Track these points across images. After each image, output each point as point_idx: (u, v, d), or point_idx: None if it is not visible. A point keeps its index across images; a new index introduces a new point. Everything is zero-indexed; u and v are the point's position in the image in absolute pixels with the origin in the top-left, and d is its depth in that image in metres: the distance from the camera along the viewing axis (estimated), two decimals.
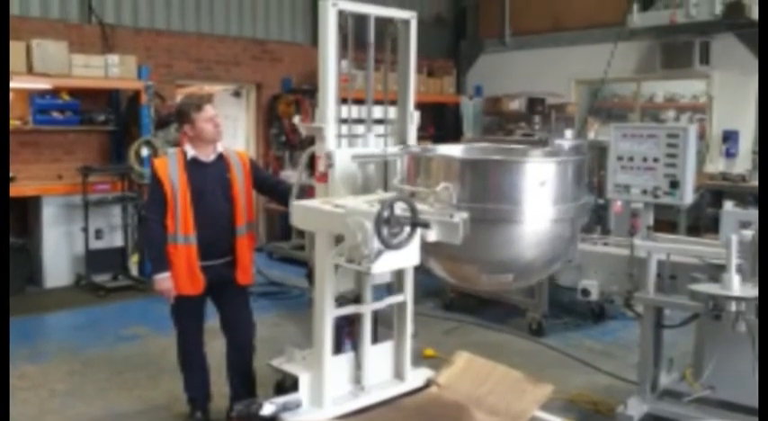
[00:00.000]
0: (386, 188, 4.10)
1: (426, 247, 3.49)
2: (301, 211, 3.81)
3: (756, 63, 8.13)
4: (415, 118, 4.43)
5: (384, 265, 3.34)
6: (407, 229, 3.31)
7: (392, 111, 4.39)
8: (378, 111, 4.31)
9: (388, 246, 3.23)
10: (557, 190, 3.55)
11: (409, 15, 4.25)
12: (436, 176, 3.59)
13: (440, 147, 4.50)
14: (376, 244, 3.22)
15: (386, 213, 3.21)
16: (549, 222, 3.57)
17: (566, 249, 3.79)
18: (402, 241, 3.29)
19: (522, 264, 3.67)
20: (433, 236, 3.39)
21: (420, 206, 3.40)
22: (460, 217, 3.31)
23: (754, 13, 7.63)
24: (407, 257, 3.44)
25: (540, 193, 3.50)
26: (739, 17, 7.73)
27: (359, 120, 4.28)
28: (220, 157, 4.11)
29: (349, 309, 4.00)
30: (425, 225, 3.32)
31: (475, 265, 3.68)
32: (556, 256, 3.75)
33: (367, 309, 4.02)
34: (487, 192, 3.51)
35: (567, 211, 3.61)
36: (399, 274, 4.21)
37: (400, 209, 3.32)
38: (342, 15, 3.98)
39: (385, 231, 3.21)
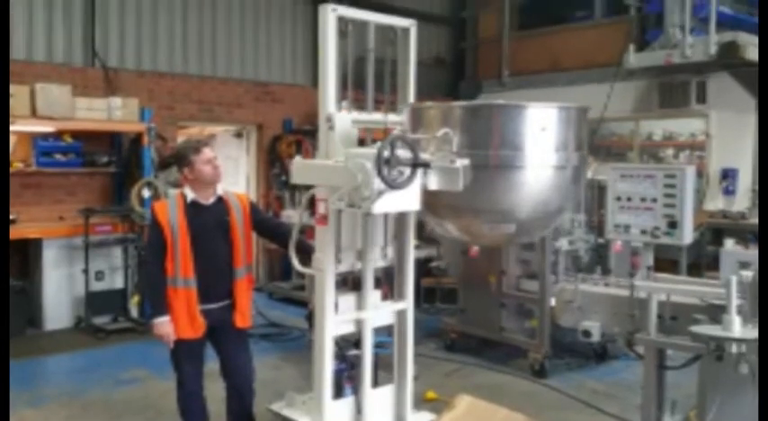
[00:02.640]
0: None
1: (427, 202, 3.44)
2: (302, 167, 3.79)
3: (753, 102, 8.24)
4: None
5: (385, 206, 3.30)
6: (408, 171, 3.29)
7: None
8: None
9: (388, 184, 3.20)
10: (558, 137, 3.53)
11: (409, 23, 4.20)
12: (436, 126, 3.56)
13: None
14: (377, 184, 3.20)
15: (386, 153, 3.19)
16: (550, 169, 3.54)
17: (567, 201, 3.74)
18: (403, 181, 3.27)
19: (524, 212, 3.62)
20: (434, 183, 3.38)
21: (421, 155, 3.38)
22: (461, 162, 3.28)
23: (749, 53, 7.73)
24: (408, 201, 3.40)
25: (541, 139, 3.48)
26: (734, 57, 7.82)
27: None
28: (220, 200, 4.14)
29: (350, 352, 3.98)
30: (426, 165, 3.31)
31: (477, 215, 3.63)
32: (557, 207, 3.69)
33: (367, 353, 4.00)
34: (488, 138, 3.50)
35: (569, 159, 3.58)
36: (400, 318, 4.20)
37: (400, 150, 3.29)
38: (342, 21, 3.93)
39: (386, 170, 3.18)
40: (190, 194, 4.06)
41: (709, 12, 7.89)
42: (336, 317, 3.93)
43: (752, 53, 7.68)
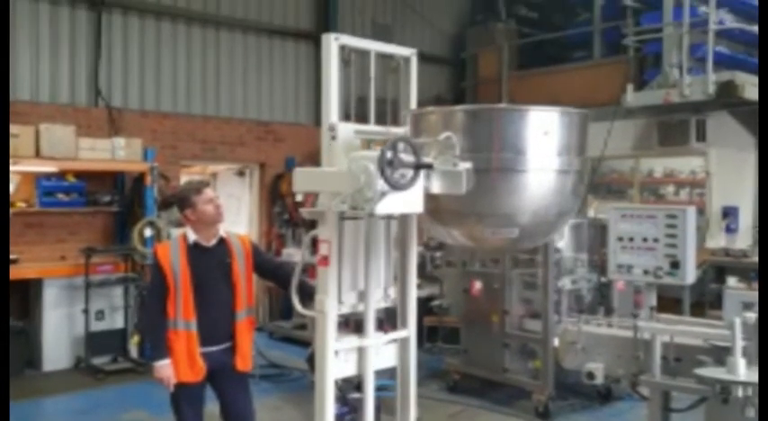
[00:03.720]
0: None
1: (430, 208, 3.43)
2: (304, 175, 3.79)
3: (752, 140, 8.29)
4: None
5: (388, 207, 3.29)
6: (411, 172, 3.29)
7: None
8: None
9: (391, 185, 3.19)
10: (560, 141, 3.53)
11: (410, 52, 4.18)
12: (438, 131, 3.56)
13: None
14: (380, 186, 3.19)
15: (389, 154, 3.20)
16: (553, 172, 3.53)
17: (569, 206, 3.72)
18: (406, 182, 3.27)
19: (527, 216, 3.61)
20: (437, 187, 3.37)
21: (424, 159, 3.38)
22: (464, 166, 3.29)
23: (747, 93, 7.79)
24: (411, 202, 3.39)
25: (543, 143, 3.47)
26: (732, 96, 7.89)
27: None
28: (222, 242, 4.14)
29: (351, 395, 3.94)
30: (428, 166, 3.31)
31: (479, 219, 3.62)
32: (560, 211, 3.68)
33: (369, 396, 3.95)
34: (490, 142, 3.50)
35: (571, 163, 3.57)
36: (403, 357, 4.16)
37: (403, 152, 3.30)
38: (344, 50, 3.92)
39: (389, 171, 3.18)
40: (192, 236, 4.07)
41: (706, 52, 7.98)
42: (337, 359, 3.89)
43: (750, 92, 7.74)
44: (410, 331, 4.18)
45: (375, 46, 4.08)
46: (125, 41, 8.81)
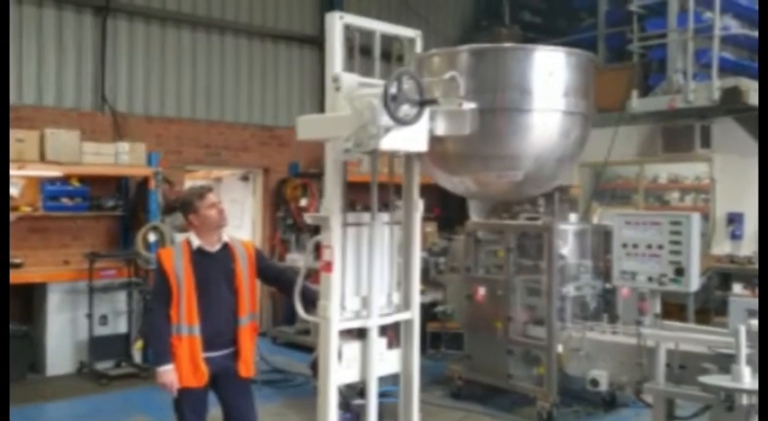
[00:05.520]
0: None
1: (435, 153, 3.41)
2: (307, 122, 3.76)
3: (756, 146, 8.25)
4: (419, 206, 4.46)
5: (392, 142, 3.27)
6: (416, 109, 3.27)
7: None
8: None
9: (396, 119, 3.17)
10: (566, 82, 3.51)
11: (414, 34, 4.16)
12: (443, 72, 3.54)
13: None
14: (384, 121, 3.17)
15: (393, 89, 3.17)
16: (558, 113, 3.51)
17: (574, 151, 3.69)
18: (410, 117, 3.24)
19: (532, 158, 3.59)
20: (441, 129, 3.35)
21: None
22: (469, 106, 3.27)
23: (752, 99, 7.78)
24: (415, 140, 3.36)
25: (549, 83, 3.45)
26: (736, 102, 7.87)
27: (365, 209, 4.30)
28: (225, 247, 4.14)
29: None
30: (433, 101, 3.29)
31: (484, 162, 3.61)
32: (564, 155, 3.66)
33: (372, 402, 3.94)
34: (495, 82, 3.48)
35: (577, 105, 3.55)
36: (406, 363, 4.15)
37: (407, 88, 3.27)
38: (348, 30, 3.91)
39: (393, 106, 3.16)
40: (195, 241, 4.07)
41: (711, 58, 7.97)
42: (341, 365, 3.88)
43: (754, 98, 7.73)
44: (414, 302, 4.16)
45: (380, 26, 4.04)
46: (130, 47, 8.83)
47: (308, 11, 10.53)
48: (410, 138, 3.36)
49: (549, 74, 3.50)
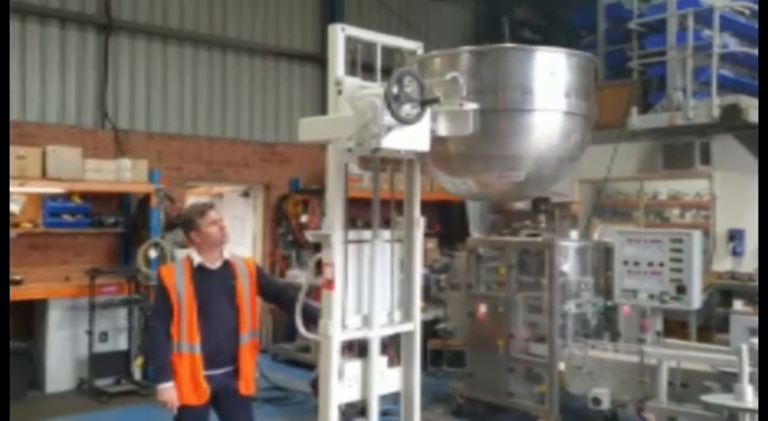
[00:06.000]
0: None
1: (437, 154, 3.44)
2: (309, 123, 3.77)
3: (756, 163, 8.27)
4: (421, 223, 4.46)
5: (394, 141, 3.28)
6: (417, 108, 3.30)
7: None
8: None
9: (397, 118, 3.18)
10: (567, 82, 3.53)
11: (416, 46, 4.18)
12: (444, 73, 3.56)
13: None
14: (386, 120, 3.19)
15: (395, 89, 3.19)
16: (559, 114, 3.53)
17: (576, 152, 3.70)
18: (412, 116, 3.26)
19: (533, 159, 3.61)
20: (443, 129, 3.38)
21: None
22: (470, 106, 3.31)
23: (751, 116, 7.80)
24: (417, 140, 3.38)
25: (550, 83, 3.47)
26: (736, 120, 7.90)
27: (366, 225, 4.30)
28: (226, 264, 4.14)
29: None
30: (435, 100, 3.31)
31: (486, 162, 3.62)
32: (565, 155, 3.67)
33: (373, 419, 3.92)
34: (497, 82, 3.50)
35: (578, 106, 3.55)
36: (407, 382, 4.14)
37: (409, 88, 3.30)
38: (350, 43, 3.93)
39: (395, 105, 3.17)
40: (196, 258, 4.08)
41: (710, 75, 8.00)
42: (341, 384, 3.87)
43: (754, 116, 7.75)
44: (415, 313, 4.15)
45: (381, 38, 4.09)
46: (132, 64, 8.88)
47: (309, 28, 10.60)
48: (412, 138, 3.40)
49: (550, 73, 3.53)
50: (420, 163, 4.05)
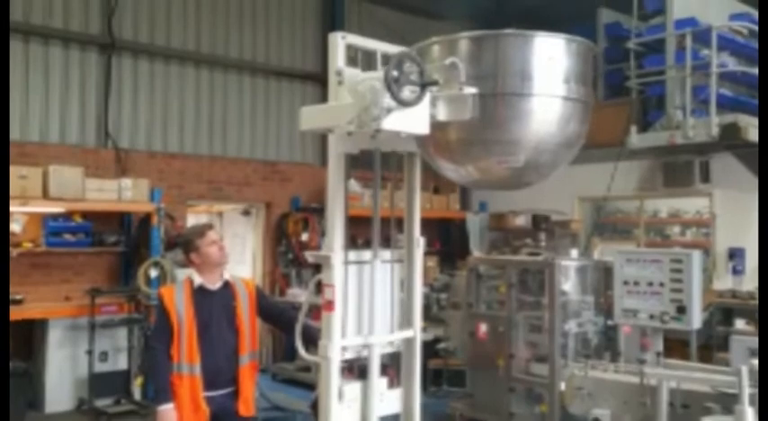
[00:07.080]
0: None
1: (436, 140, 3.47)
2: (310, 112, 3.77)
3: (755, 181, 8.28)
4: (421, 243, 4.46)
5: (394, 123, 3.29)
6: (417, 90, 3.32)
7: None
8: None
9: (398, 100, 3.20)
10: (565, 68, 3.55)
11: None
12: (443, 59, 3.58)
13: None
14: (386, 103, 3.21)
15: (395, 72, 3.21)
16: (558, 99, 3.55)
17: (575, 138, 3.72)
18: (413, 98, 3.28)
19: (532, 143, 3.62)
20: (442, 114, 3.40)
21: None
22: (469, 90, 3.34)
23: (750, 135, 7.83)
24: (418, 123, 3.39)
25: (549, 69, 3.49)
26: (735, 138, 7.93)
27: (366, 243, 4.29)
28: (227, 285, 4.15)
29: None
30: (434, 83, 3.34)
31: (486, 147, 3.64)
32: (564, 141, 3.68)
33: None
34: (496, 67, 3.52)
35: (577, 92, 3.58)
36: (407, 402, 4.12)
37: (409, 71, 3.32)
38: (351, 49, 3.91)
39: (395, 88, 3.20)
40: (197, 279, 4.09)
41: (709, 94, 8.04)
42: (341, 405, 3.85)
43: (753, 134, 7.78)
44: (416, 320, 4.14)
45: (381, 46, 4.13)
46: (134, 84, 8.94)
47: (310, 48, 10.68)
48: (412, 120, 3.42)
49: (549, 58, 3.57)
50: (420, 150, 4.06)
